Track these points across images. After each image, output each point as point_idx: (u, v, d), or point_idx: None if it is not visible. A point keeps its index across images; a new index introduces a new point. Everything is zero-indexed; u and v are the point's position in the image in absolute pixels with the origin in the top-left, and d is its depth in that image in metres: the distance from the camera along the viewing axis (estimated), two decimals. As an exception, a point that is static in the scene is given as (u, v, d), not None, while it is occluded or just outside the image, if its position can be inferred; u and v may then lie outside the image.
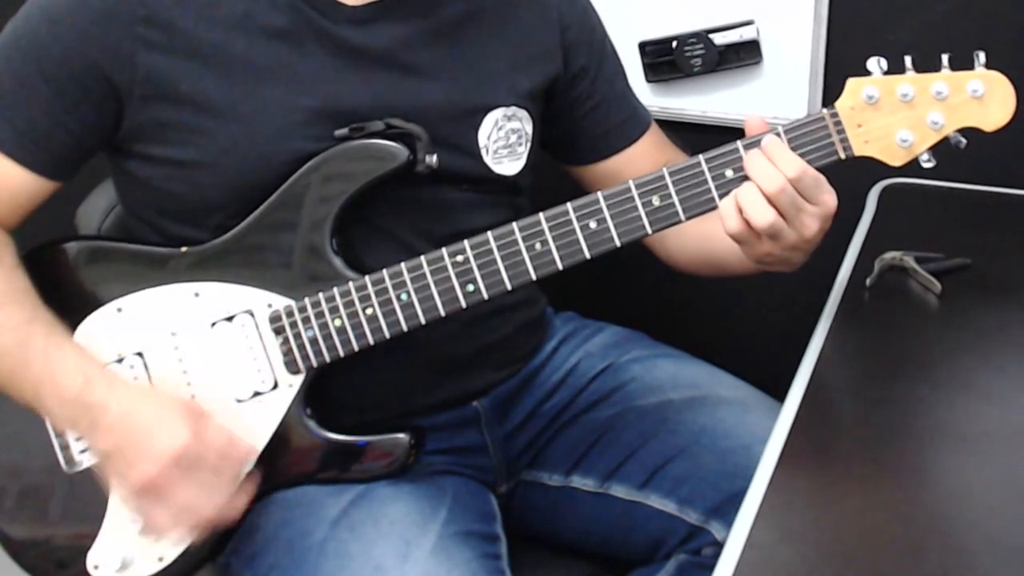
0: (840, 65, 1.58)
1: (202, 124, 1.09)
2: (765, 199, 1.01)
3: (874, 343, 1.16)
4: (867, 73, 1.05)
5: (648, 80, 1.66)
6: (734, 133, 1.68)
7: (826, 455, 1.00)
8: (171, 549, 1.15)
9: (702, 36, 1.60)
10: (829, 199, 1.03)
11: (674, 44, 1.62)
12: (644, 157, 1.31)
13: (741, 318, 1.81)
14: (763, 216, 1.01)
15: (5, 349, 1.08)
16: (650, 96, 1.67)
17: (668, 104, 1.67)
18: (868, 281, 1.24)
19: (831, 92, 1.59)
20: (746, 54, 1.59)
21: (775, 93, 1.60)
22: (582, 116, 1.28)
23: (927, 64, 1.04)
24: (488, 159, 1.19)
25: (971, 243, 1.30)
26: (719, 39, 1.59)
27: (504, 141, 1.19)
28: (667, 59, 1.63)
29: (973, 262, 1.26)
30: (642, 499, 1.26)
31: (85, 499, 1.15)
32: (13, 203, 1.12)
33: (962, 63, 1.03)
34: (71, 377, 1.07)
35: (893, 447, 0.99)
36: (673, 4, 1.61)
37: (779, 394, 1.11)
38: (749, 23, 1.58)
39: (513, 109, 1.20)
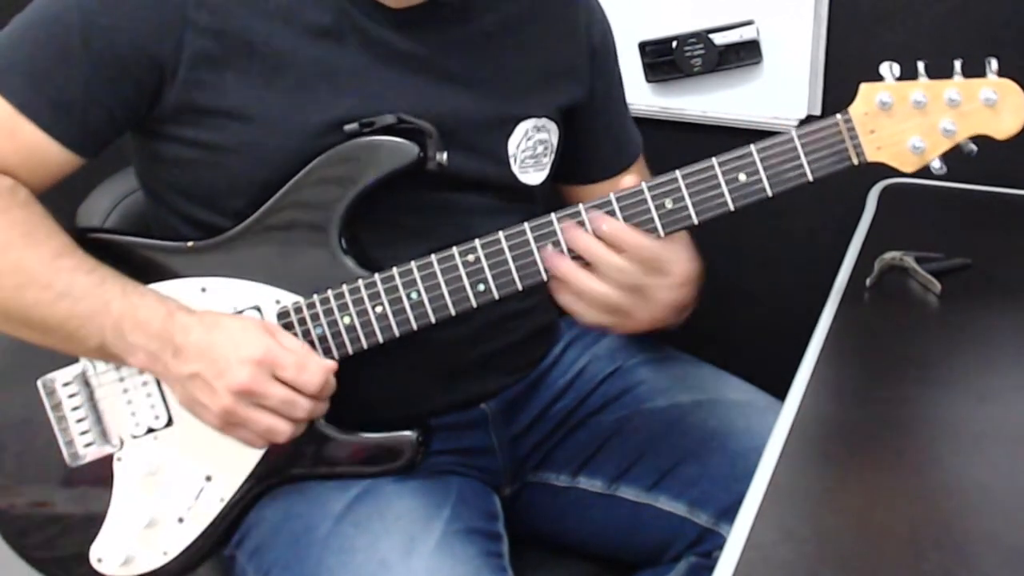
0: (840, 65, 1.58)
1: (242, 112, 1.09)
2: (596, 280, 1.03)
3: (874, 343, 1.16)
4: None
5: (648, 80, 1.66)
6: (734, 133, 1.69)
7: (826, 455, 1.00)
8: (175, 543, 1.15)
9: (702, 36, 1.60)
10: (677, 268, 1.05)
11: (674, 44, 1.62)
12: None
13: (741, 318, 1.81)
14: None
15: (83, 292, 1.07)
16: (650, 96, 1.67)
17: (668, 104, 1.67)
18: (868, 281, 1.24)
19: (831, 92, 1.59)
20: (746, 54, 1.59)
21: (775, 93, 1.60)
22: (585, 139, 1.29)
23: (939, 70, 1.04)
24: (515, 168, 1.20)
25: (971, 243, 1.30)
26: (719, 39, 1.59)
27: (531, 151, 1.20)
28: (667, 59, 1.63)
29: (973, 262, 1.26)
30: (651, 501, 1.27)
31: (90, 493, 1.16)
32: (43, 172, 1.11)
33: (974, 69, 1.03)
34: (154, 310, 1.07)
35: (893, 447, 0.99)
36: (673, 4, 1.61)
37: (779, 394, 1.11)
38: (749, 23, 1.58)
39: (544, 120, 1.20)
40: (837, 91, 1.58)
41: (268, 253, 1.12)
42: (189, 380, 1.07)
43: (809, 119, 1.59)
